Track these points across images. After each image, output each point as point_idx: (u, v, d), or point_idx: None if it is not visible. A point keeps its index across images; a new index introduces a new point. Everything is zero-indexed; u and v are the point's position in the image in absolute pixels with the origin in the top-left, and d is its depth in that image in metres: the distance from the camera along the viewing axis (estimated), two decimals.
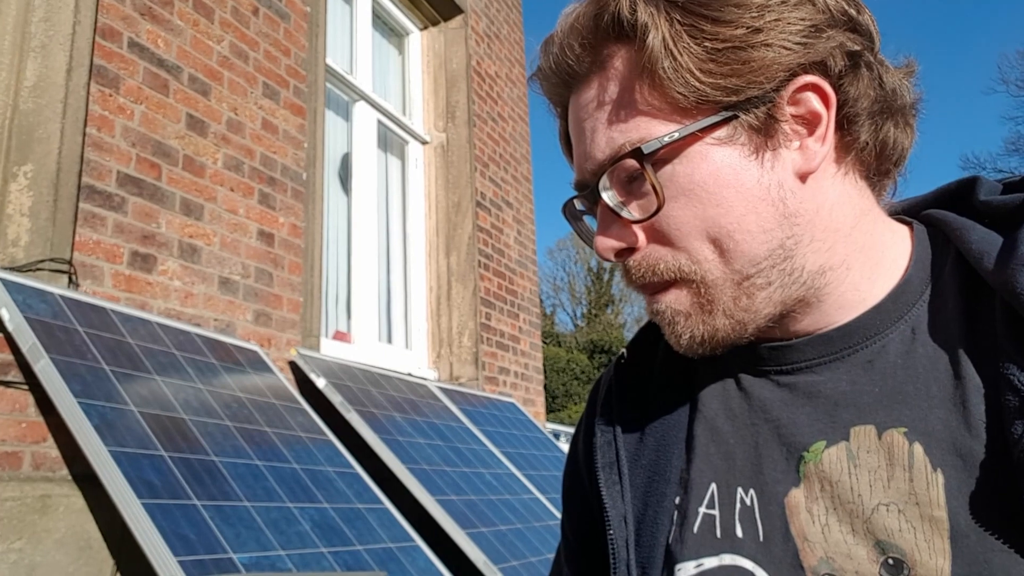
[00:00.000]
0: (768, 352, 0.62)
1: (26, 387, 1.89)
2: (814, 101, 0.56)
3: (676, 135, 0.55)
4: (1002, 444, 0.50)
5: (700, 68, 0.54)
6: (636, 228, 0.58)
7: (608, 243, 0.59)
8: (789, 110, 0.56)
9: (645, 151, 0.55)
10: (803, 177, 0.57)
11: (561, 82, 0.61)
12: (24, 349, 1.81)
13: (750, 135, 0.56)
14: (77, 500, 1.91)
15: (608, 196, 0.59)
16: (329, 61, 3.46)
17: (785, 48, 0.54)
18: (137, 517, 1.58)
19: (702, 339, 0.59)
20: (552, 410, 18.68)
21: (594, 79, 0.59)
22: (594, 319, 27.23)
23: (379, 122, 3.94)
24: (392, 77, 4.30)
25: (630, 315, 28.09)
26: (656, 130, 0.56)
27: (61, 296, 2.00)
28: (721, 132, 0.55)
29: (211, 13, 2.72)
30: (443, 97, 4.40)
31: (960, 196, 0.62)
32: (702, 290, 0.57)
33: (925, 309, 0.58)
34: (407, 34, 4.42)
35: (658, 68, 0.55)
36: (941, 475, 0.52)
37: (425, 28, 4.51)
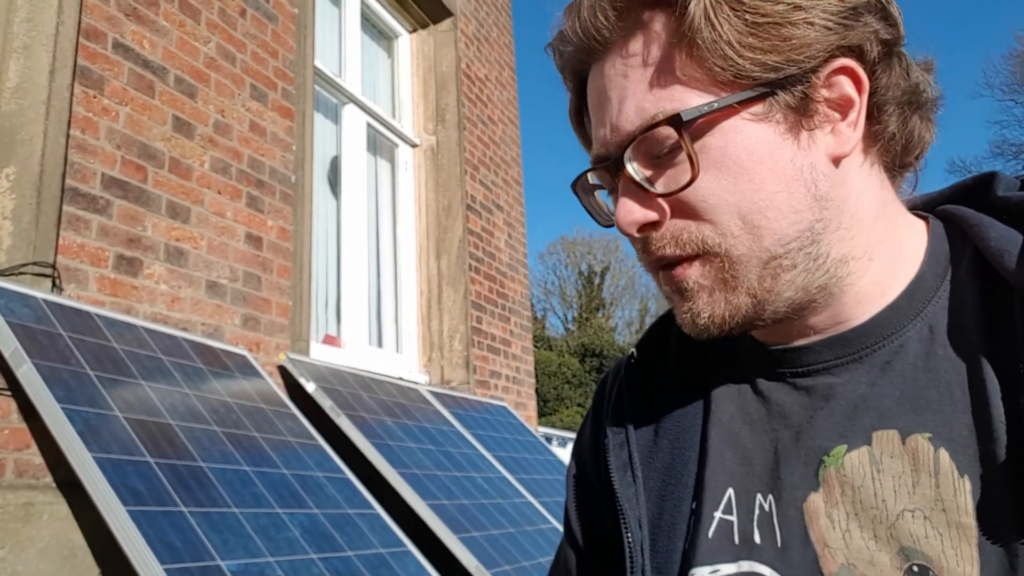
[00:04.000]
0: (783, 354, 0.60)
1: (8, 393, 1.86)
2: (847, 85, 0.55)
3: (716, 105, 0.53)
4: (1020, 447, 0.49)
5: (740, 41, 0.53)
6: (661, 202, 0.56)
7: (632, 216, 0.57)
8: (823, 92, 0.55)
9: (685, 118, 0.53)
10: (835, 161, 0.56)
11: (585, 48, 0.58)
12: (6, 354, 1.78)
13: (786, 113, 0.54)
14: (61, 508, 1.87)
15: (634, 168, 0.56)
16: (317, 63, 3.43)
17: (826, 28, 0.53)
18: (122, 524, 1.55)
19: (721, 319, 0.57)
20: (544, 414, 18.66)
21: (624, 45, 0.56)
22: (585, 323, 27.24)
23: (368, 125, 3.92)
24: (381, 80, 4.28)
25: (621, 319, 28.14)
26: (691, 101, 0.54)
27: (44, 300, 1.97)
28: (757, 108, 0.54)
29: (197, 14, 2.69)
30: (433, 100, 4.38)
31: (977, 192, 0.60)
32: (726, 265, 0.55)
33: (942, 306, 0.57)
34: (396, 37, 4.41)
35: (697, 38, 0.53)
36: (968, 482, 0.51)
37: (414, 31, 4.50)
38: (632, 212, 0.57)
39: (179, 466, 1.82)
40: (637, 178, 0.56)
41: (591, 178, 0.63)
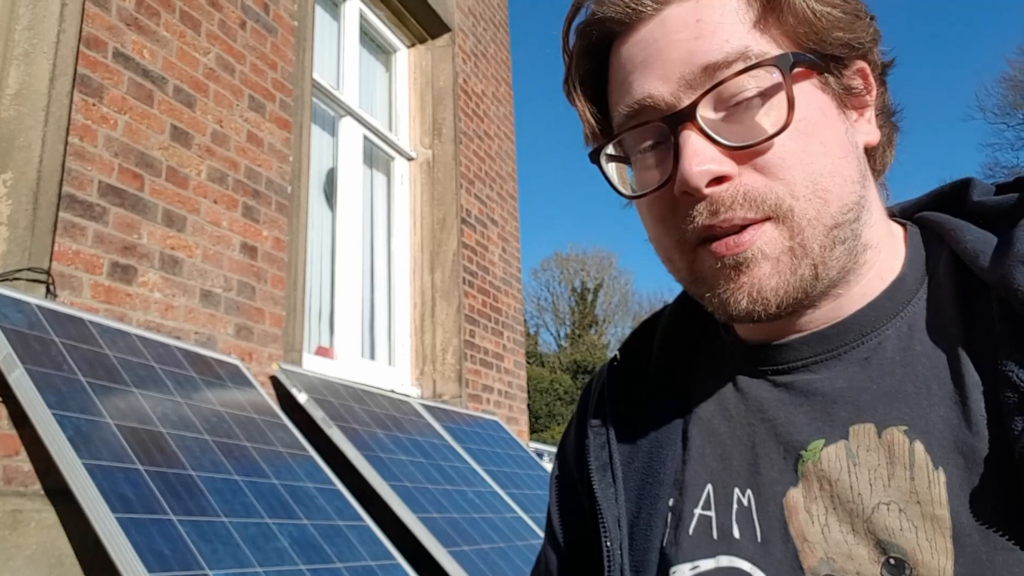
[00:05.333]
0: (763, 351, 0.61)
1: None
2: (863, 86, 0.58)
3: (807, 58, 0.54)
4: (1003, 441, 0.50)
5: (824, 14, 0.55)
6: (730, 156, 0.53)
7: (705, 167, 0.52)
8: (858, 82, 0.58)
9: (793, 59, 0.53)
10: (865, 148, 0.59)
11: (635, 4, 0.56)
12: None
13: (837, 90, 0.57)
14: (49, 515, 1.86)
15: (706, 114, 0.53)
16: (316, 76, 3.45)
17: (872, 27, 0.57)
18: (111, 532, 1.54)
19: (784, 291, 0.54)
20: (535, 430, 18.60)
21: None
22: (577, 339, 27.23)
23: (365, 138, 3.94)
24: (379, 93, 4.31)
25: (613, 336, 28.13)
26: (772, 53, 0.54)
27: (38, 306, 1.96)
28: (821, 77, 0.56)
29: (198, 25, 2.71)
30: (429, 114, 4.41)
31: (953, 198, 0.62)
32: (795, 231, 0.53)
33: (921, 307, 0.58)
34: (394, 51, 4.44)
35: None
36: (943, 474, 0.51)
37: (412, 45, 4.53)
38: (707, 160, 0.52)
39: (169, 474, 1.82)
40: (707, 129, 0.53)
41: (611, 149, 0.60)
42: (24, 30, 2.12)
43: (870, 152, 0.60)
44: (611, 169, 0.60)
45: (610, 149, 0.60)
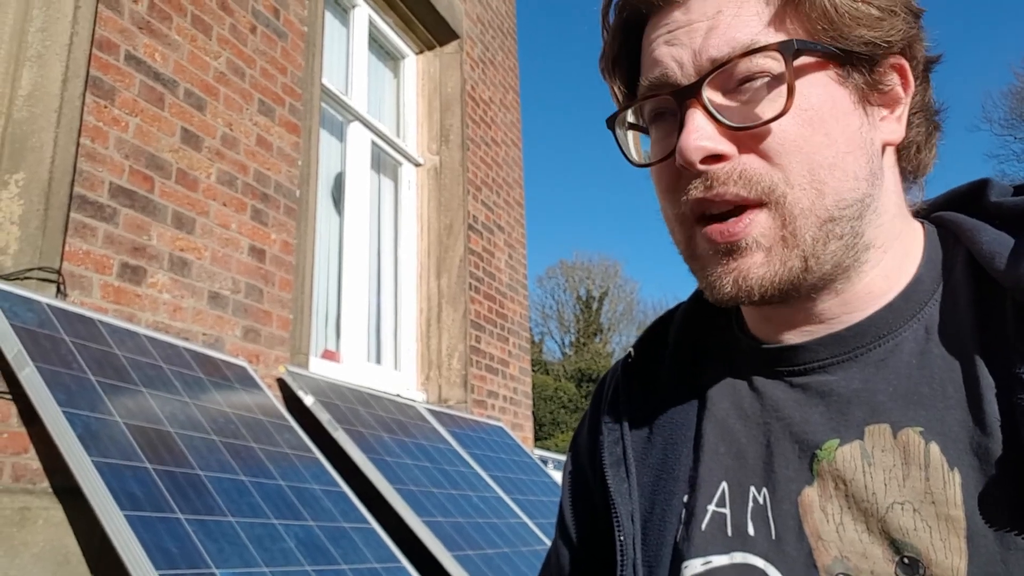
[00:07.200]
0: (780, 353, 0.61)
1: (9, 396, 1.86)
2: (898, 83, 0.58)
3: (818, 48, 0.54)
4: (1016, 443, 0.50)
5: (846, 9, 0.54)
6: (730, 136, 0.55)
7: (702, 143, 0.54)
8: (886, 80, 0.58)
9: (797, 47, 0.53)
10: (883, 147, 0.58)
11: None
12: (9, 357, 1.78)
13: (858, 85, 0.57)
14: (57, 513, 1.87)
15: (709, 98, 0.55)
16: (325, 81, 3.48)
17: (906, 24, 0.56)
18: (119, 529, 1.55)
19: (770, 281, 0.55)
20: (539, 438, 18.56)
21: None
22: (582, 348, 27.20)
23: (373, 143, 3.96)
24: (387, 99, 4.33)
25: (618, 344, 28.10)
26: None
27: (48, 305, 1.98)
28: (838, 70, 0.56)
29: (209, 29, 2.74)
30: (437, 120, 4.43)
31: (971, 198, 0.62)
32: (787, 220, 0.54)
33: (938, 309, 0.58)
34: (403, 57, 4.47)
35: None
36: (958, 474, 0.52)
37: (420, 52, 4.55)
38: (704, 137, 0.54)
39: (177, 473, 1.83)
40: (711, 108, 0.55)
41: (631, 116, 0.62)
42: (37, 32, 2.15)
43: (900, 151, 0.60)
44: (628, 136, 0.62)
45: (631, 117, 0.62)
